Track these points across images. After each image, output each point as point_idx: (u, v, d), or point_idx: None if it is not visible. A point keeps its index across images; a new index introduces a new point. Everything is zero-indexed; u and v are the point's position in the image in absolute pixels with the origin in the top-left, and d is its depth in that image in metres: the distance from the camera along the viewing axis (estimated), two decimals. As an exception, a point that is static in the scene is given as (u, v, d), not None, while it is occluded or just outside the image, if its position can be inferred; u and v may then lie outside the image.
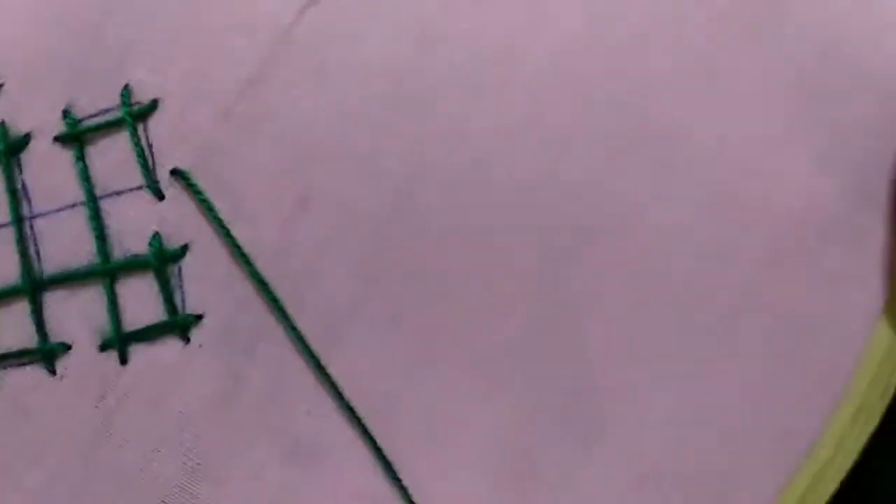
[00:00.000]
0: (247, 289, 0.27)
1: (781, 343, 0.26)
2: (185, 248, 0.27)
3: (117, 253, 0.27)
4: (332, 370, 0.27)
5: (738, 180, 0.26)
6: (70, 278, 0.27)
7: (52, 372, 0.28)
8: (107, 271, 0.27)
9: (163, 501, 0.27)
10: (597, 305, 0.26)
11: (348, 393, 0.27)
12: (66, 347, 0.28)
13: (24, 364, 0.28)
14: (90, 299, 0.28)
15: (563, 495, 0.27)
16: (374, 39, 0.27)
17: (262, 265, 0.27)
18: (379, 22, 0.27)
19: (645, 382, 0.26)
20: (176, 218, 0.27)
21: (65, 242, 0.28)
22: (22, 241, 0.28)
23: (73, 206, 0.27)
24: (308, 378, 0.27)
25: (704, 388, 0.26)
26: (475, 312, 0.27)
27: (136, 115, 0.27)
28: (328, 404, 0.27)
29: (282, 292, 0.27)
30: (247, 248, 0.27)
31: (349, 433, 0.27)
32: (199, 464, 0.28)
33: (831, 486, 0.26)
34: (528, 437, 0.27)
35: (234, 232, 0.27)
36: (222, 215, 0.27)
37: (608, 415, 0.26)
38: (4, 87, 0.27)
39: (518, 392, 0.26)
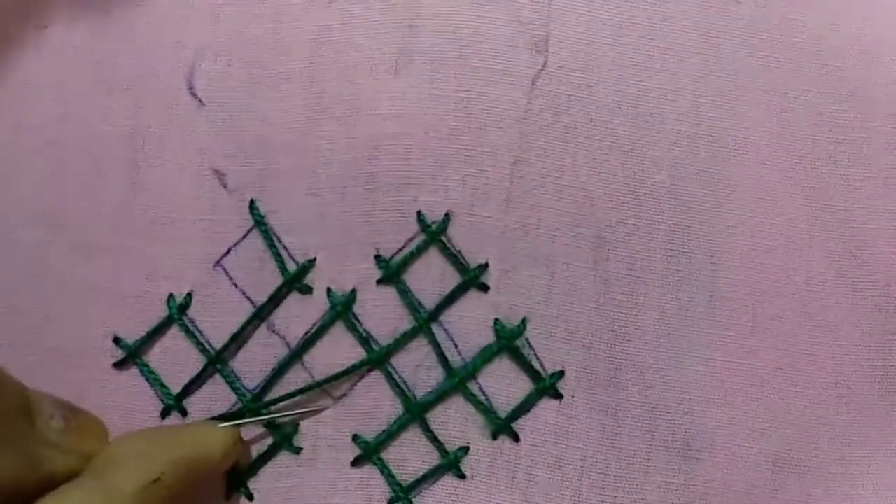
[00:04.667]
0: (588, 333, 0.31)
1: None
2: (524, 321, 0.31)
3: (468, 354, 0.31)
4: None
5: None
6: (443, 394, 0.31)
7: (462, 476, 0.30)
8: (470, 373, 0.31)
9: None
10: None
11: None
12: (466, 450, 0.30)
13: (434, 481, 0.30)
14: (462, 402, 0.31)
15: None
16: (600, 89, 0.31)
17: (587, 306, 0.31)
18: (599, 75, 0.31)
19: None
20: (505, 300, 0.31)
21: (420, 367, 0.31)
22: (392, 379, 0.31)
23: (414, 332, 0.31)
24: (674, 381, 0.30)
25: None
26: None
27: (438, 232, 0.31)
28: (696, 396, 0.30)
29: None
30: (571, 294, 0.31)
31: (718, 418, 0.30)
32: (614, 496, 0.30)
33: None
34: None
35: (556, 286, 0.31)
36: (541, 283, 0.31)
37: None
38: (319, 260, 0.31)
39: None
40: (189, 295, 0.31)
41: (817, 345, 0.31)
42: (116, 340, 0.31)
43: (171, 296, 0.31)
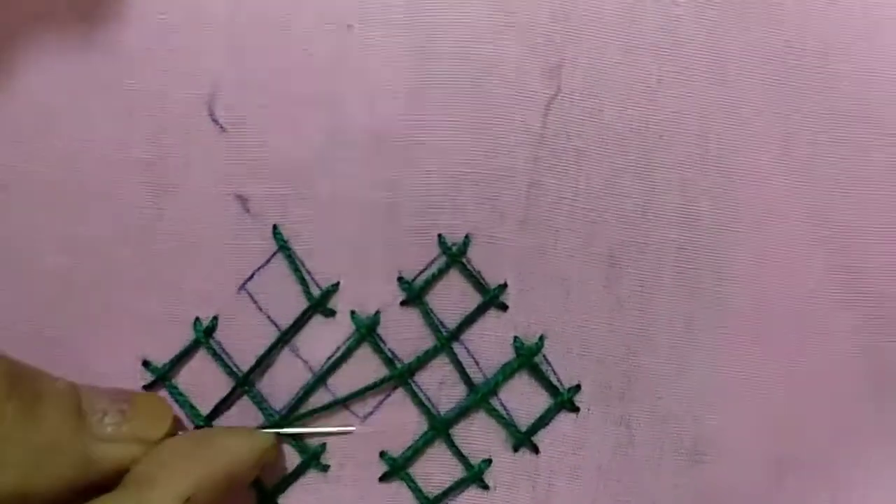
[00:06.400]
0: (602, 348, 0.32)
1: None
2: (542, 339, 0.32)
3: (489, 371, 0.32)
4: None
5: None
6: (466, 409, 0.32)
7: (485, 487, 0.32)
8: (492, 389, 0.32)
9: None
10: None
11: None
12: (489, 462, 0.32)
13: (459, 493, 0.32)
14: (484, 417, 0.32)
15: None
16: (611, 113, 0.32)
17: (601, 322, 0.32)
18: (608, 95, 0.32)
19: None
20: (523, 319, 0.32)
21: (443, 384, 0.32)
22: (416, 396, 0.32)
23: (436, 351, 0.32)
24: (682, 390, 0.32)
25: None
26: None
27: (458, 254, 0.32)
28: (703, 403, 0.32)
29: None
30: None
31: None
32: (628, 501, 0.32)
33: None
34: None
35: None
36: (557, 301, 0.32)
37: None
38: (342, 284, 0.32)
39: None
40: (215, 318, 0.32)
41: (815, 352, 0.33)
42: (146, 364, 0.32)
43: (197, 319, 0.32)
